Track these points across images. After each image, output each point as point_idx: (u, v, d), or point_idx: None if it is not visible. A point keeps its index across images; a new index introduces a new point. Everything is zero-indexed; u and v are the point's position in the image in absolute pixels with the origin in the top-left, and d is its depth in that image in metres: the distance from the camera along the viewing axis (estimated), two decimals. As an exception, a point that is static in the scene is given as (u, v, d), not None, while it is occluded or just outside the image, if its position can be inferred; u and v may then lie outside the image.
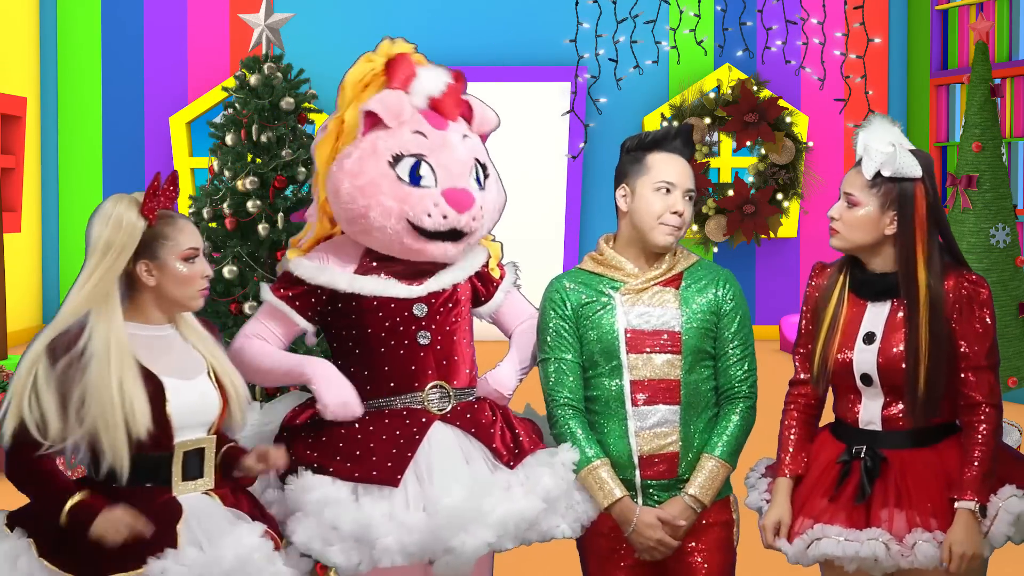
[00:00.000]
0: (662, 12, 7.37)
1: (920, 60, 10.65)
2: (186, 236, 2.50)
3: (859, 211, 2.65)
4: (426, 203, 2.76)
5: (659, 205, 2.82)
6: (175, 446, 2.47)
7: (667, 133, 2.90)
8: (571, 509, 2.77)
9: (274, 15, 4.78)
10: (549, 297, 2.91)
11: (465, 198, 2.79)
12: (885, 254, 2.67)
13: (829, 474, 2.66)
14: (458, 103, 2.89)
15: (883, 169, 2.63)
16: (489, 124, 2.96)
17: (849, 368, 2.66)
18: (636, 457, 2.78)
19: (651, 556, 2.78)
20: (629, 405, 2.79)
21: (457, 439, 2.76)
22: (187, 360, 2.53)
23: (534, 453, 2.79)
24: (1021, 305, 5.86)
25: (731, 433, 2.80)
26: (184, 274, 2.49)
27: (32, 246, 10.86)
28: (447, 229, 2.78)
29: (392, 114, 2.80)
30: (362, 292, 2.80)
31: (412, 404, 2.78)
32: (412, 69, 2.87)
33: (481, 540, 2.61)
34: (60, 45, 11.09)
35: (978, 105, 5.91)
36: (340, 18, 10.60)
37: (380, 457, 2.70)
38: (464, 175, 2.82)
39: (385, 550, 2.60)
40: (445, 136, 2.82)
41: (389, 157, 2.78)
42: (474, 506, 2.62)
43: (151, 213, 2.47)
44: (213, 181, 4.73)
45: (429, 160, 2.78)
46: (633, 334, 2.80)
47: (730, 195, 10.17)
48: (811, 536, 2.59)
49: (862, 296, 2.70)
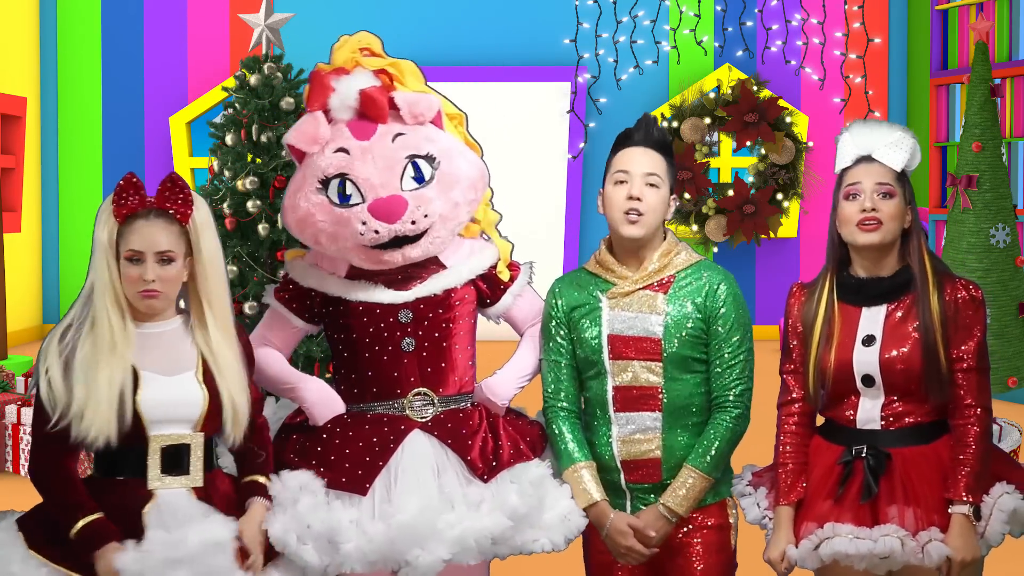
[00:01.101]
0: (662, 12, 7.37)
1: (920, 60, 10.64)
2: (133, 237, 2.52)
3: (896, 200, 2.65)
4: (354, 224, 2.73)
5: (616, 196, 2.80)
6: (150, 439, 2.49)
7: (627, 130, 2.88)
8: (561, 522, 2.75)
9: (274, 15, 4.78)
10: (547, 299, 2.91)
11: (393, 205, 2.73)
12: (891, 250, 2.67)
13: (830, 477, 2.64)
14: (381, 105, 2.81)
15: (911, 161, 2.67)
16: (424, 112, 2.84)
17: (848, 371, 2.64)
18: (619, 462, 2.78)
19: (624, 561, 2.79)
20: (612, 410, 2.78)
21: (433, 449, 2.75)
22: (176, 357, 2.55)
23: (511, 467, 2.77)
24: (1021, 305, 5.85)
25: (715, 446, 2.76)
26: (125, 272, 2.52)
27: (32, 246, 10.86)
28: (387, 240, 2.75)
29: (308, 140, 2.78)
30: (348, 297, 2.81)
31: (393, 411, 2.79)
32: (326, 86, 2.81)
33: (436, 556, 2.61)
34: (60, 45, 11.09)
35: (978, 105, 5.90)
36: (340, 18, 10.58)
37: (352, 464, 2.71)
38: (390, 181, 2.76)
39: (347, 556, 2.62)
40: (367, 145, 2.77)
41: (316, 184, 2.77)
42: (428, 521, 2.62)
43: (119, 215, 2.52)
44: (213, 181, 4.73)
45: (351, 176, 2.75)
46: (615, 340, 2.78)
47: (730, 195, 10.17)
48: (820, 536, 2.58)
49: (854, 302, 2.68)
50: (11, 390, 6.41)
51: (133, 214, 2.53)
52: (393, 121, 2.82)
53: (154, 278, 2.50)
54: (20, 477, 5.98)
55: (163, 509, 2.48)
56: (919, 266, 2.64)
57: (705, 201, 10.20)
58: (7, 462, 6.06)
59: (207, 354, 2.56)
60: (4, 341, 7.98)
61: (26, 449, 5.98)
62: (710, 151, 10.44)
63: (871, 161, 2.67)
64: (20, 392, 6.36)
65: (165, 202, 2.55)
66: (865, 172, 2.67)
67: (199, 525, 2.46)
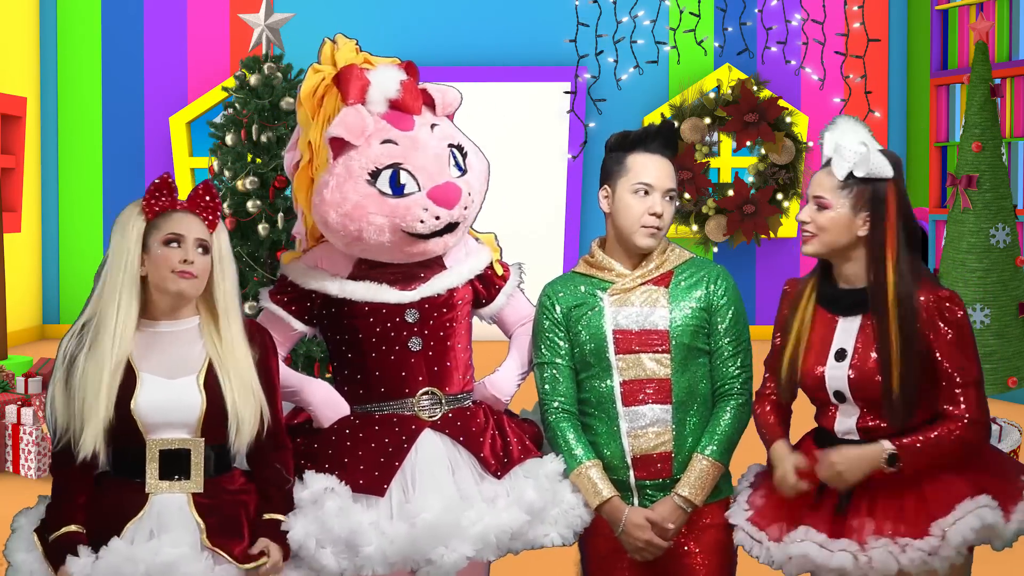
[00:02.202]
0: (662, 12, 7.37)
1: (920, 60, 10.64)
2: (172, 222, 2.53)
3: (830, 213, 2.61)
4: (415, 211, 2.74)
5: (637, 207, 2.80)
6: (149, 443, 2.49)
7: (647, 133, 2.86)
8: (564, 515, 2.76)
9: (274, 15, 4.79)
10: (540, 303, 2.91)
11: (452, 192, 2.76)
12: (857, 258, 2.63)
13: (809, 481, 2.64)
14: (416, 95, 2.83)
15: (856, 170, 2.58)
16: (452, 103, 2.90)
17: (822, 384, 2.63)
18: (629, 458, 2.78)
19: (641, 556, 2.78)
20: (620, 406, 2.78)
21: (445, 448, 2.76)
22: (181, 360, 2.54)
23: (523, 463, 2.78)
24: (1021, 305, 5.85)
25: (723, 432, 2.79)
26: (159, 255, 2.51)
27: (32, 246, 10.86)
28: (444, 227, 2.77)
29: (356, 132, 2.75)
30: (353, 297, 2.80)
31: (402, 411, 2.78)
32: (363, 79, 2.80)
33: (460, 554, 2.62)
34: (60, 45, 11.09)
35: (978, 105, 5.90)
36: (340, 18, 10.57)
37: (368, 466, 2.70)
38: (444, 169, 2.79)
39: (367, 559, 2.62)
40: (414, 136, 2.78)
41: (366, 176, 2.74)
42: (452, 520, 2.62)
43: (150, 211, 2.53)
44: (213, 181, 4.73)
45: (406, 166, 2.75)
46: (621, 335, 2.79)
47: (730, 195, 10.17)
48: (793, 538, 2.58)
49: (832, 311, 2.66)
50: (11, 390, 6.41)
51: (164, 212, 2.54)
52: (423, 113, 2.84)
53: (194, 259, 2.52)
54: (20, 477, 5.99)
55: (151, 516, 2.48)
56: (877, 282, 2.58)
57: (705, 201, 10.19)
58: (7, 462, 6.06)
59: (215, 359, 2.55)
60: (4, 341, 7.98)
61: (26, 449, 5.99)
62: (710, 151, 10.44)
63: (829, 165, 2.65)
64: (20, 392, 6.36)
65: (196, 207, 2.56)
66: (817, 180, 2.66)
67: (168, 545, 2.44)
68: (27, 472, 5.97)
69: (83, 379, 2.46)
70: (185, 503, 2.50)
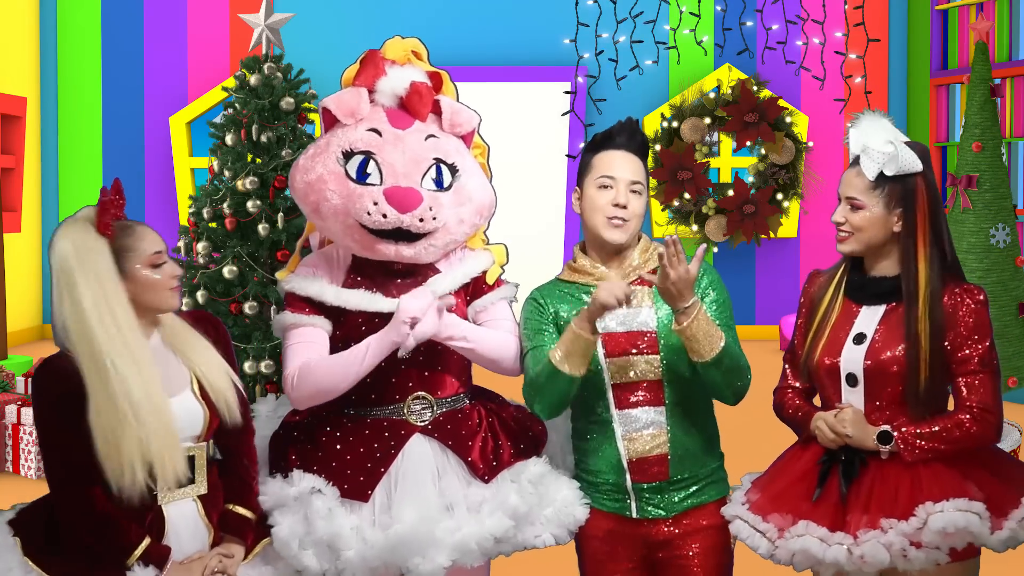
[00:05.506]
0: (662, 12, 7.37)
1: (920, 60, 10.65)
2: (147, 242, 2.50)
3: (865, 213, 2.63)
4: (365, 201, 2.74)
5: (600, 200, 2.80)
6: None
7: (611, 131, 2.88)
8: (556, 514, 2.76)
9: (274, 15, 4.78)
10: (530, 305, 2.88)
11: (409, 197, 2.74)
12: (890, 252, 2.65)
13: (809, 476, 2.64)
14: (426, 103, 2.85)
15: (886, 169, 2.60)
16: (463, 124, 2.91)
17: (836, 369, 2.64)
18: (625, 461, 2.77)
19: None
20: (614, 410, 2.77)
21: (433, 453, 2.76)
22: (171, 375, 2.52)
23: (511, 467, 2.78)
24: (1021, 305, 5.86)
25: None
26: (154, 280, 2.49)
27: (32, 246, 10.86)
28: (391, 228, 2.75)
29: (346, 111, 2.80)
30: (347, 306, 2.80)
31: (393, 415, 2.78)
32: (380, 68, 2.85)
33: (436, 564, 2.63)
34: (60, 45, 11.09)
35: (978, 105, 5.91)
36: (340, 18, 10.60)
37: (354, 471, 2.71)
38: (412, 174, 2.78)
39: (348, 562, 2.63)
40: (401, 135, 2.80)
41: (339, 153, 2.78)
42: (426, 531, 2.62)
43: (107, 229, 2.46)
44: (213, 181, 4.73)
45: (376, 157, 2.77)
46: (609, 338, 2.77)
47: (730, 195, 10.17)
48: (793, 532, 2.58)
49: (856, 300, 2.68)
50: (11, 390, 6.41)
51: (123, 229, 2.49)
52: (429, 123, 2.86)
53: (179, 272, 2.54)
54: (20, 477, 5.99)
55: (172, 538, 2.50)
56: (909, 275, 2.60)
57: (705, 201, 10.20)
58: (7, 462, 6.06)
59: (189, 358, 2.54)
60: (4, 341, 7.98)
61: (26, 449, 5.98)
62: (710, 151, 10.44)
63: (858, 164, 2.67)
64: (20, 392, 6.36)
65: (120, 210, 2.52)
66: (847, 180, 2.67)
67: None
68: (27, 472, 5.98)
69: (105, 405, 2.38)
70: (194, 512, 2.54)
